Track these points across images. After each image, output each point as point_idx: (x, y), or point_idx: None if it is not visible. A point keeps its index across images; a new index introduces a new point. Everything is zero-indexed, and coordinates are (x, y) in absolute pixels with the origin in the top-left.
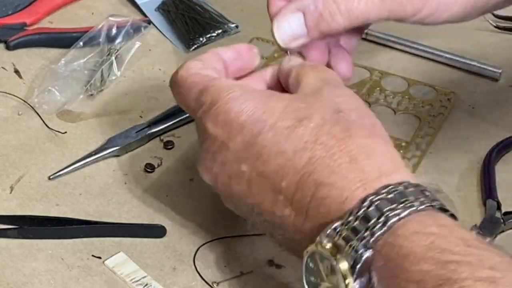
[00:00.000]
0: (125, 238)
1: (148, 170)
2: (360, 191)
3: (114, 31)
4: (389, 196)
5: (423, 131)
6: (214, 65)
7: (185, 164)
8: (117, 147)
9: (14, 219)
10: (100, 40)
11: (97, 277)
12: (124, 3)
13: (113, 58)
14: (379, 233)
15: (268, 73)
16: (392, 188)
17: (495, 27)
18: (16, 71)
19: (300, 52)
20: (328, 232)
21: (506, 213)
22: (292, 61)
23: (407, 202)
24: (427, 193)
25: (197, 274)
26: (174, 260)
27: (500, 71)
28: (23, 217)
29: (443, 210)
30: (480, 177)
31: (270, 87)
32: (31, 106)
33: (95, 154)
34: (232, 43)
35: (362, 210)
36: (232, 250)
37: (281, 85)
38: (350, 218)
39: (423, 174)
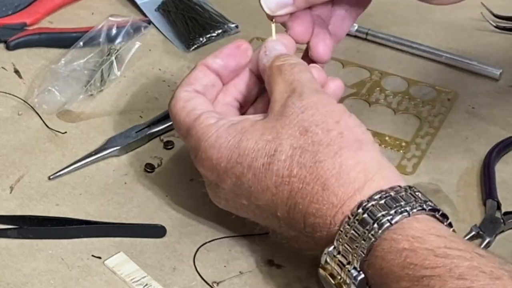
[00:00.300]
0: (125, 238)
1: (148, 170)
2: (339, 215)
3: (114, 31)
4: (364, 215)
5: (423, 131)
6: (204, 82)
7: (185, 164)
8: (117, 147)
9: (14, 219)
10: (100, 40)
11: (97, 277)
12: (124, 3)
13: (113, 58)
14: (361, 255)
15: (253, 64)
16: (365, 205)
17: (495, 27)
18: (16, 71)
19: (285, 23)
20: (324, 258)
21: (506, 213)
22: (268, 52)
23: (381, 216)
24: (403, 196)
25: (197, 274)
26: (174, 260)
27: (500, 71)
28: (23, 217)
29: (422, 209)
30: (480, 177)
31: (257, 75)
32: (31, 106)
33: (95, 154)
34: None
35: (345, 233)
36: (232, 250)
37: None
38: (338, 242)
39: (423, 174)
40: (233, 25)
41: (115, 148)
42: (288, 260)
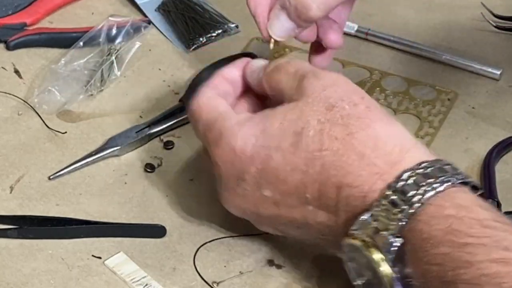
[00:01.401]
0: (125, 238)
1: (148, 170)
2: (379, 183)
3: (114, 31)
4: (409, 181)
5: (423, 131)
6: (223, 88)
7: (185, 164)
8: (117, 147)
9: (14, 219)
10: (100, 40)
11: (97, 277)
12: (124, 3)
13: (113, 58)
14: (403, 220)
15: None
16: (410, 173)
17: (495, 27)
18: (16, 71)
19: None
20: (357, 226)
21: (506, 213)
22: (255, 68)
23: (427, 185)
24: (447, 168)
25: (197, 274)
26: (174, 260)
27: (500, 71)
28: (23, 217)
29: (464, 183)
30: (480, 177)
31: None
32: (31, 106)
33: (95, 154)
34: (232, 43)
35: (386, 200)
36: (232, 250)
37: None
38: (376, 210)
39: None
40: (233, 25)
41: (115, 148)
42: (288, 260)
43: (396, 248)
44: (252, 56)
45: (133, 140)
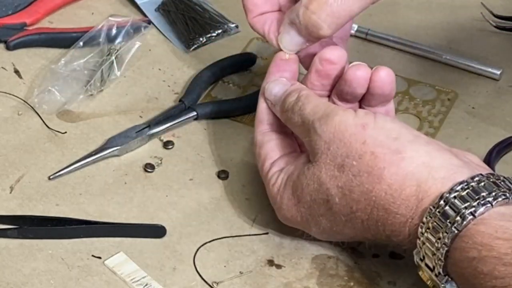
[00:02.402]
0: (125, 238)
1: (148, 170)
2: (407, 230)
3: (114, 31)
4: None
5: (423, 131)
6: (270, 112)
7: (185, 164)
8: (117, 147)
9: (14, 219)
10: (100, 40)
11: (97, 277)
12: (124, 3)
13: (113, 58)
14: (442, 261)
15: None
16: (465, 185)
17: (495, 27)
18: (16, 71)
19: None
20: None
21: None
22: (271, 99)
23: (481, 199)
24: (500, 183)
25: (197, 274)
26: (174, 260)
27: (500, 71)
28: (23, 217)
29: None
30: None
31: None
32: (31, 106)
33: (95, 154)
34: (232, 43)
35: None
36: (232, 250)
37: None
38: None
39: None
40: (233, 25)
41: (115, 148)
42: (288, 260)
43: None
44: (252, 56)
45: (133, 140)
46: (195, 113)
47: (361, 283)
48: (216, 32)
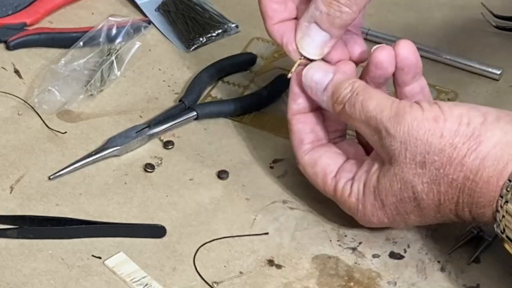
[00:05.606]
0: (125, 238)
1: (148, 170)
2: (495, 203)
3: (114, 31)
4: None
5: None
6: (308, 129)
7: (185, 164)
8: (117, 147)
9: (14, 219)
10: (100, 40)
11: (97, 277)
12: (124, 3)
13: (113, 58)
14: None
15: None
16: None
17: (495, 27)
18: (16, 71)
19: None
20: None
21: None
22: (315, 90)
23: None
24: None
25: (197, 274)
26: (174, 260)
27: (500, 71)
28: (23, 217)
29: None
30: None
31: None
32: (31, 106)
33: (95, 154)
34: (232, 43)
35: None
36: (232, 250)
37: None
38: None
39: None
40: (233, 25)
41: (115, 148)
42: (288, 260)
43: None
44: (252, 56)
45: (133, 140)
46: (195, 113)
47: (361, 283)
48: (216, 32)
